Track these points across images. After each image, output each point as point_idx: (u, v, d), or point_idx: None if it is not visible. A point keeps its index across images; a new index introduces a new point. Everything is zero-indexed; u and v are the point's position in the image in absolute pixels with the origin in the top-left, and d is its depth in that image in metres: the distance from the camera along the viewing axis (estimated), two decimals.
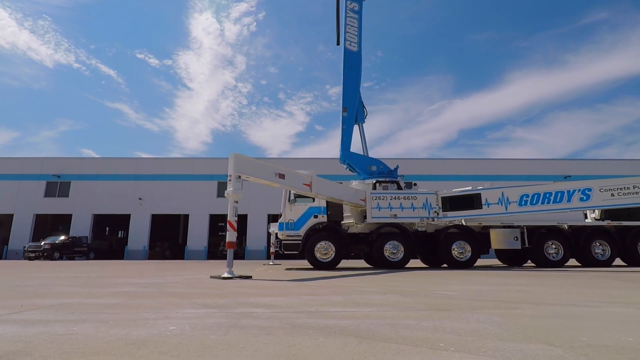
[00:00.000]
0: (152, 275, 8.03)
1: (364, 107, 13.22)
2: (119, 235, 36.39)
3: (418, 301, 3.44)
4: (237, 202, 7.37)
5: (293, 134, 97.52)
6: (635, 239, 11.15)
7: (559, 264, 10.88)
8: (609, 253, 11.04)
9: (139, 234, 29.28)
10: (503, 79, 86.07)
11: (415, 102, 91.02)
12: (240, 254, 30.38)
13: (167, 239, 34.83)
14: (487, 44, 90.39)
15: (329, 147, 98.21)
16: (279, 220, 10.91)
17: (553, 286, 4.84)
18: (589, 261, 11.00)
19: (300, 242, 10.53)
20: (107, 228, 39.02)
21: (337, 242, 10.53)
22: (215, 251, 31.13)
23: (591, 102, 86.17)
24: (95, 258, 27.43)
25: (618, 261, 11.63)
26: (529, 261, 11.80)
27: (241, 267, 13.46)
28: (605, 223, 11.31)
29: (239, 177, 7.46)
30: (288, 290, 4.51)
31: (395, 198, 10.97)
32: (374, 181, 11.66)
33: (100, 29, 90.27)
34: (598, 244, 11.12)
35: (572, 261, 11.59)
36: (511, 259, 12.98)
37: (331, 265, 10.36)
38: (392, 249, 10.61)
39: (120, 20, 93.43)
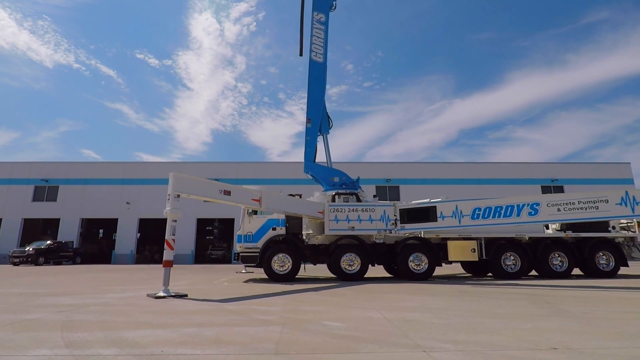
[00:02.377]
0: (97, 290, 8.17)
1: (329, 118, 13.32)
2: (113, 238, 36.65)
3: (283, 338, 3.54)
4: (175, 220, 7.49)
5: (293, 134, 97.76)
6: (593, 251, 11.20)
7: (517, 275, 10.95)
8: (567, 264, 11.10)
9: (126, 238, 29.53)
10: (504, 78, 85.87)
11: (416, 102, 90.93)
12: (227, 258, 30.55)
13: (158, 242, 35.03)
14: (488, 43, 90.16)
15: (329, 147, 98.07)
16: (237, 233, 11.02)
17: (444, 313, 4.93)
18: (546, 272, 11.06)
19: (258, 254, 10.64)
20: (102, 230, 39.34)
21: (294, 254, 10.63)
22: (203, 255, 31.30)
23: (592, 101, 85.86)
24: (84, 262, 27.68)
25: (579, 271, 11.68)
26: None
27: (217, 273, 13.60)
28: (563, 235, 11.37)
29: (178, 195, 7.57)
30: (184, 318, 4.61)
31: (353, 210, 11.05)
32: (334, 193, 11.76)
33: (100, 29, 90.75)
34: (557, 255, 11.18)
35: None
36: (475, 269, 13.03)
37: (288, 278, 10.46)
38: (349, 261, 10.72)
39: (120, 20, 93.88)
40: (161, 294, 6.93)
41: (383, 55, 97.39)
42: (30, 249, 23.34)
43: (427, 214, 10.68)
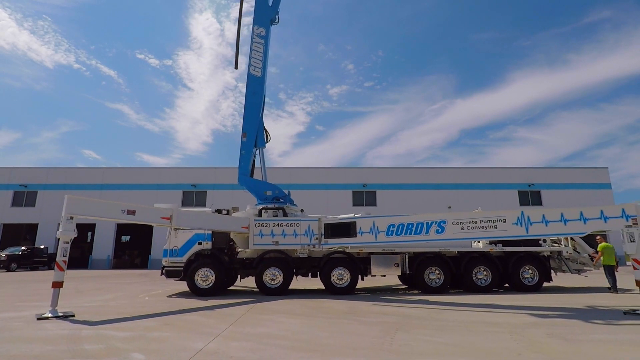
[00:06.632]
0: (3, 308, 8.41)
1: (266, 131, 13.46)
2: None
3: None
4: (67, 242, 7.70)
5: (294, 134, 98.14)
6: (517, 265, 11.28)
7: (441, 289, 11.07)
8: (491, 279, 11.20)
9: (103, 243, 29.92)
10: (505, 78, 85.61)
11: (417, 102, 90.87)
12: None
13: (138, 247, 35.37)
14: (489, 43, 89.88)
15: (330, 147, 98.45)
16: (164, 247, 11.21)
17: (274, 342, 5.08)
18: (470, 287, 11.17)
19: (182, 268, 10.84)
20: (90, 233, 39.78)
21: (218, 269, 10.81)
22: None
23: (594, 101, 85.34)
24: None
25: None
26: None
27: (163, 283, 13.88)
28: (488, 249, 11.45)
29: (72, 217, 7.78)
30: (10, 348, 4.80)
31: (277, 225, 11.20)
32: (260, 208, 11.92)
33: (100, 30, 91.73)
34: (482, 270, 11.26)
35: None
36: (409, 281, 13.14)
37: (211, 292, 10.63)
38: (272, 275, 10.90)
39: (120, 20, 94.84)
40: (47, 314, 7.14)
41: (384, 55, 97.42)
42: (3, 255, 23.76)
43: (348, 229, 10.80)
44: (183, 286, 12.78)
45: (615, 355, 4.39)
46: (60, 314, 7.23)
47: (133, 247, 35.41)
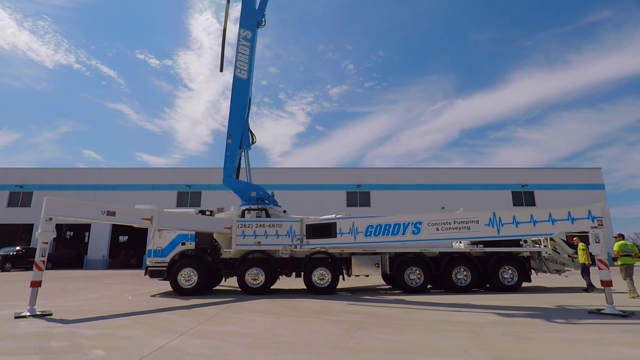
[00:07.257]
0: None
1: (252, 133, 13.63)
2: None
3: None
4: (46, 243, 7.88)
5: (294, 134, 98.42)
6: (497, 266, 11.43)
7: (420, 289, 11.22)
8: (470, 279, 11.35)
9: (99, 243, 30.14)
10: (505, 78, 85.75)
11: (417, 102, 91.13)
12: None
13: (134, 247, 35.60)
14: (490, 43, 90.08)
15: (330, 148, 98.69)
16: (147, 247, 11.39)
17: (234, 339, 5.24)
18: (449, 287, 11.33)
19: (166, 268, 11.02)
20: (87, 233, 40.06)
21: (201, 269, 10.99)
22: None
23: (594, 101, 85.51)
24: (58, 267, 28.35)
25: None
26: None
27: (154, 282, 14.08)
28: (469, 249, 11.61)
29: (51, 218, 7.96)
30: None
31: (260, 226, 11.36)
32: (243, 208, 12.09)
33: (100, 30, 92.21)
34: (462, 270, 11.41)
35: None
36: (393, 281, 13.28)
37: (194, 292, 10.80)
38: (254, 275, 11.06)
39: (120, 20, 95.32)
40: (25, 313, 7.33)
41: (384, 55, 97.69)
42: None
43: (328, 230, 10.94)
44: (169, 286, 12.97)
45: (557, 353, 4.54)
46: (38, 313, 7.41)
47: (130, 248, 35.66)
